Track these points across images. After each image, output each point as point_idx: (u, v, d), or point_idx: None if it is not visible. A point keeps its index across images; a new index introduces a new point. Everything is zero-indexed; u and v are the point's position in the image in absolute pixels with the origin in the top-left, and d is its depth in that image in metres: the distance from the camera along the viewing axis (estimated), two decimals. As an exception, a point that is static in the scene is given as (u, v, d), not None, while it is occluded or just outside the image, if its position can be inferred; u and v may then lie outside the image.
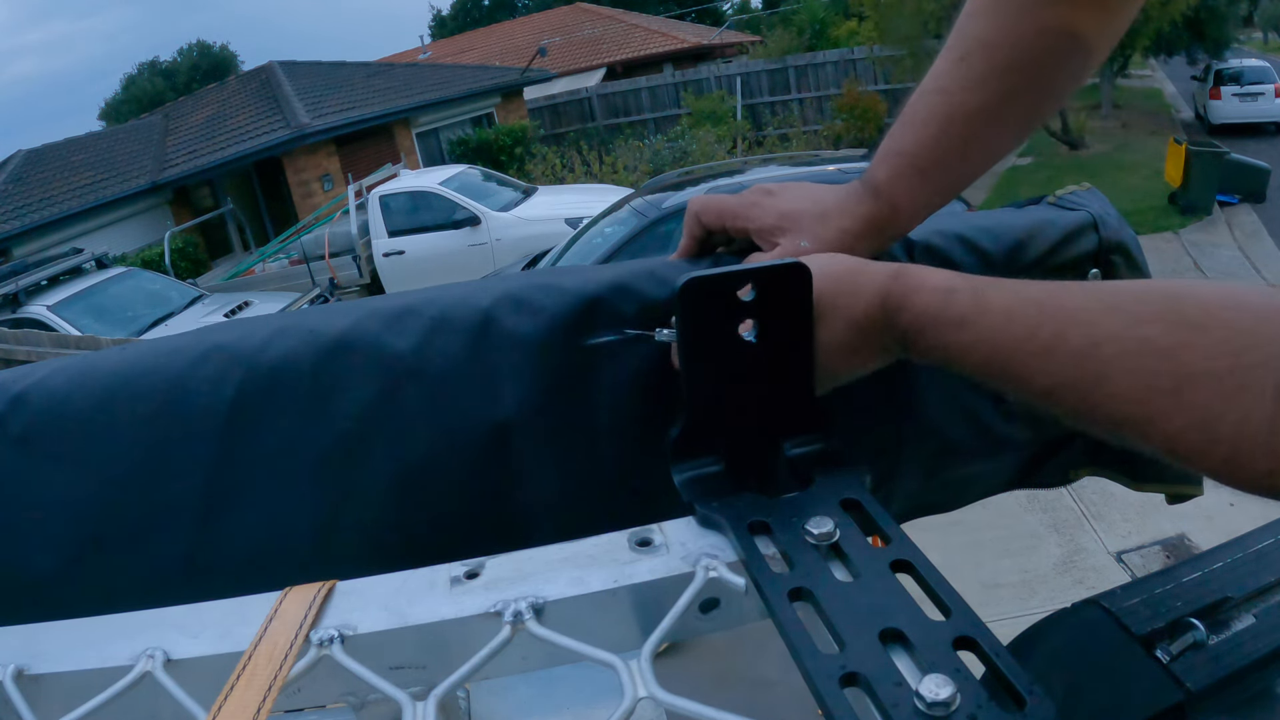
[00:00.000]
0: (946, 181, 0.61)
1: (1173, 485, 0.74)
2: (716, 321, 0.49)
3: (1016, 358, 0.42)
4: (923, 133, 0.59)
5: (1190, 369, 0.36)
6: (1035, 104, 0.61)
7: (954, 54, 0.60)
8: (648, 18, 24.29)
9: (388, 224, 9.46)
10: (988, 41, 0.59)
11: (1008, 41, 0.58)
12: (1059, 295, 0.42)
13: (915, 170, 0.59)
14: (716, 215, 0.63)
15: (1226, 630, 0.61)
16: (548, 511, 0.58)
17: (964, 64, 0.59)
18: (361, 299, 0.63)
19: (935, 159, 0.59)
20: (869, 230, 0.59)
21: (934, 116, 0.59)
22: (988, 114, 0.59)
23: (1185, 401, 0.36)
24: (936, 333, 0.46)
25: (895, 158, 0.60)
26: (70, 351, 2.30)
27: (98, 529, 0.53)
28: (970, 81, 0.59)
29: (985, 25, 0.59)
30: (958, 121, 0.59)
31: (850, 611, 0.38)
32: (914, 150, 0.59)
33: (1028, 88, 0.59)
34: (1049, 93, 0.61)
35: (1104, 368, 0.39)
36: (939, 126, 0.59)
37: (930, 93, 0.60)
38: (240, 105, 14.39)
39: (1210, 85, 15.26)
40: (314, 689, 0.41)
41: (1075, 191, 0.73)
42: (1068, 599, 0.68)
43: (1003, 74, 0.58)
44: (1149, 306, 0.38)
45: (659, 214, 5.70)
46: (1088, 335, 0.40)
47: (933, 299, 0.46)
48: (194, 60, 40.19)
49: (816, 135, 14.14)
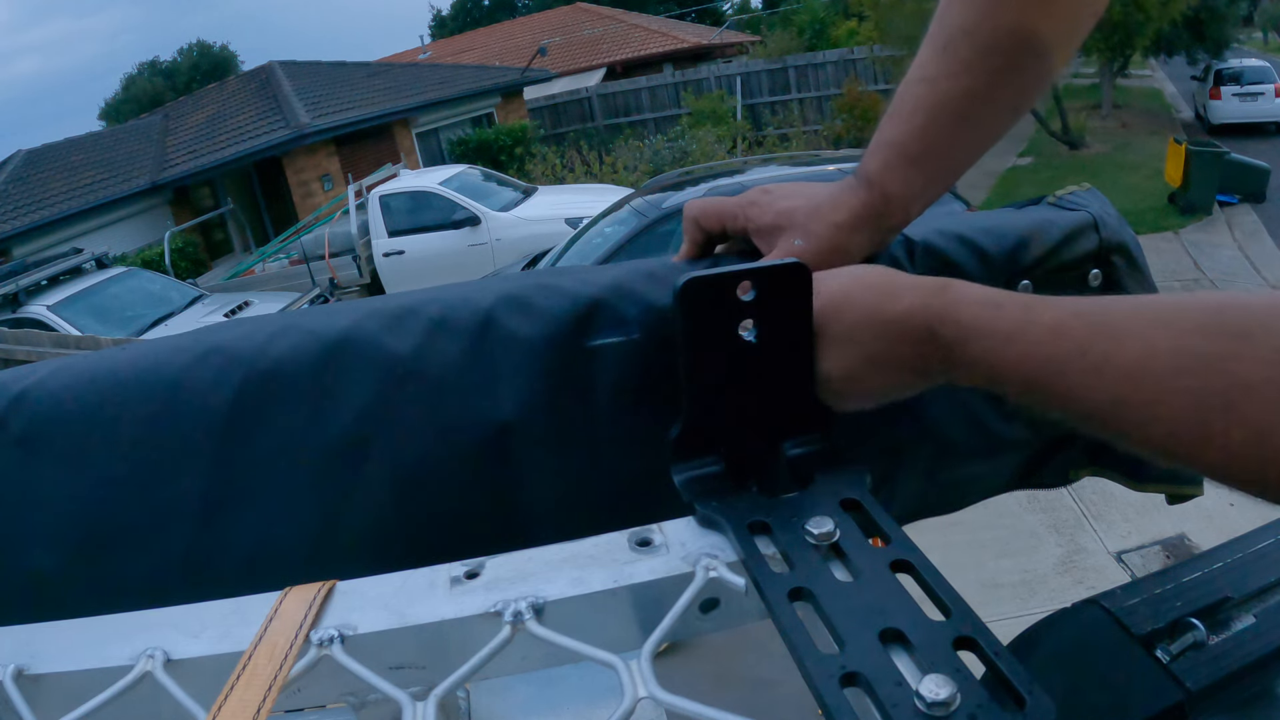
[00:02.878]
0: (938, 169, 0.61)
1: (1173, 485, 0.74)
2: (716, 321, 0.49)
3: (1066, 374, 0.41)
4: (911, 123, 0.60)
5: (1244, 379, 0.34)
6: (1021, 86, 0.61)
7: (937, 43, 0.60)
8: (648, 18, 24.29)
9: (388, 224, 9.46)
10: (968, 28, 0.59)
11: (988, 25, 0.58)
12: (1106, 310, 0.41)
13: (905, 159, 0.60)
14: (715, 218, 0.64)
15: (1226, 630, 0.61)
16: (548, 511, 0.58)
17: (947, 52, 0.60)
18: (361, 299, 0.63)
19: (925, 147, 0.60)
20: (863, 222, 0.59)
21: (920, 106, 0.60)
22: (974, 99, 0.59)
23: (1239, 416, 0.34)
24: (982, 346, 0.44)
25: (885, 149, 0.60)
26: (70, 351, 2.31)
27: (98, 529, 0.53)
28: (954, 68, 0.59)
29: (961, 11, 0.60)
30: (945, 109, 0.59)
31: (850, 611, 0.38)
32: (903, 140, 0.60)
33: (1012, 68, 0.59)
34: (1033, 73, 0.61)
35: (1157, 385, 0.37)
36: (926, 115, 0.59)
37: (916, 83, 0.60)
38: (240, 105, 14.40)
39: (1210, 85, 15.26)
40: (314, 689, 0.41)
41: (1075, 192, 0.73)
42: (1068, 599, 0.68)
43: (985, 56, 0.59)
44: (1193, 318, 0.37)
45: (659, 214, 5.71)
46: (1140, 351, 0.38)
47: (981, 312, 0.45)
48: (194, 60, 40.20)
49: (816, 135, 14.14)
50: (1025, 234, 0.67)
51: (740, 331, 0.50)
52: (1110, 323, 0.40)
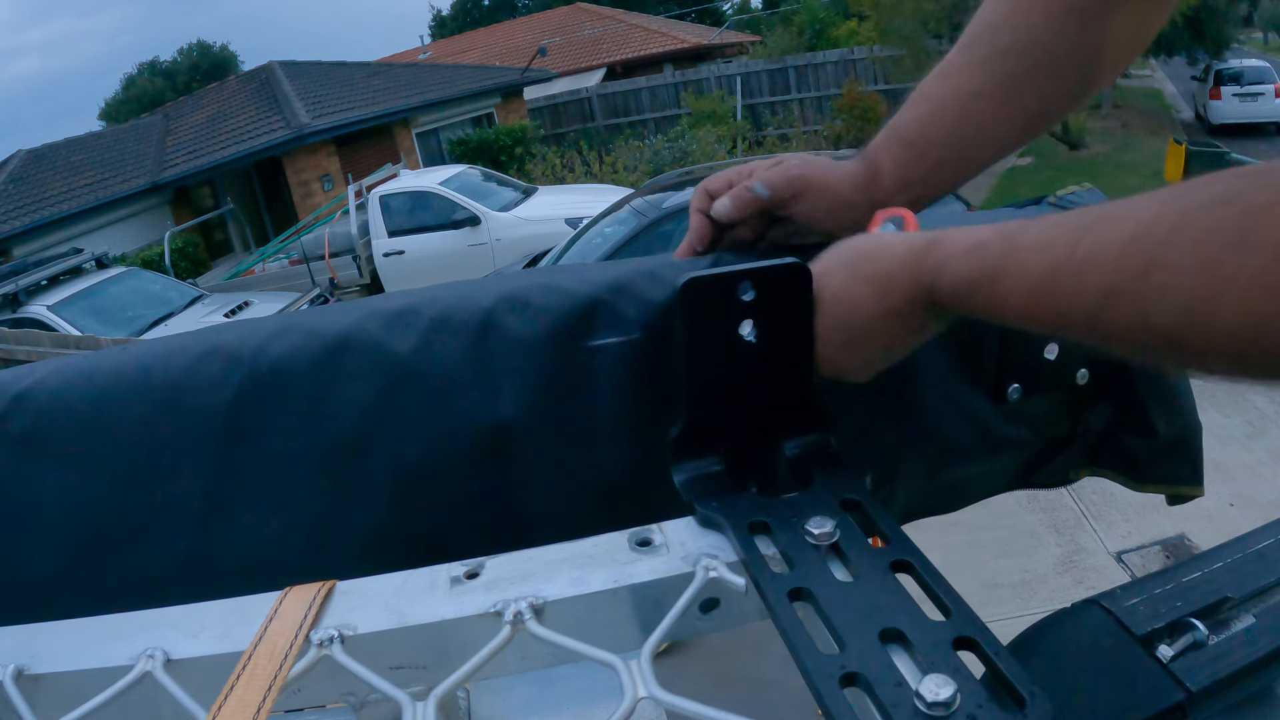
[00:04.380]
0: (932, 156, 0.62)
1: (1173, 486, 0.74)
2: (716, 321, 0.49)
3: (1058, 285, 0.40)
4: (915, 110, 0.62)
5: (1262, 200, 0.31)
6: (1038, 96, 0.61)
7: (963, 40, 0.62)
8: (648, 18, 24.29)
9: (388, 224, 9.46)
10: (992, 24, 0.60)
11: (1010, 23, 0.59)
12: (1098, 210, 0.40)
13: (901, 140, 0.62)
14: (723, 180, 0.66)
15: (1226, 630, 0.61)
16: (548, 511, 0.58)
17: (968, 49, 0.61)
18: (361, 299, 0.63)
19: (923, 133, 0.61)
20: (855, 182, 0.62)
21: (928, 96, 0.62)
22: (983, 97, 0.60)
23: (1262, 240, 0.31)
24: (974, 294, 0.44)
25: (887, 130, 0.63)
26: (70, 351, 2.31)
27: (98, 529, 0.53)
28: (971, 65, 0.60)
29: (993, 8, 0.61)
30: (951, 101, 0.60)
31: (850, 611, 0.38)
32: (904, 125, 0.62)
33: (1029, 74, 0.59)
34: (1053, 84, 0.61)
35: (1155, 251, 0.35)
36: (932, 105, 0.61)
37: (933, 76, 0.62)
38: (240, 105, 14.39)
39: (1210, 85, 15.25)
40: (314, 689, 0.41)
41: (1075, 191, 0.73)
42: (1068, 599, 0.68)
43: (1003, 56, 0.59)
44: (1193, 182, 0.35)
45: (659, 214, 5.71)
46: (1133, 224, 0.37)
47: (964, 262, 0.45)
48: (194, 60, 40.18)
49: (816, 135, 14.13)
50: (1025, 234, 0.67)
51: (740, 331, 0.50)
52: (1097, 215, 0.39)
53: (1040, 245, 0.41)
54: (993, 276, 0.43)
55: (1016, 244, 0.43)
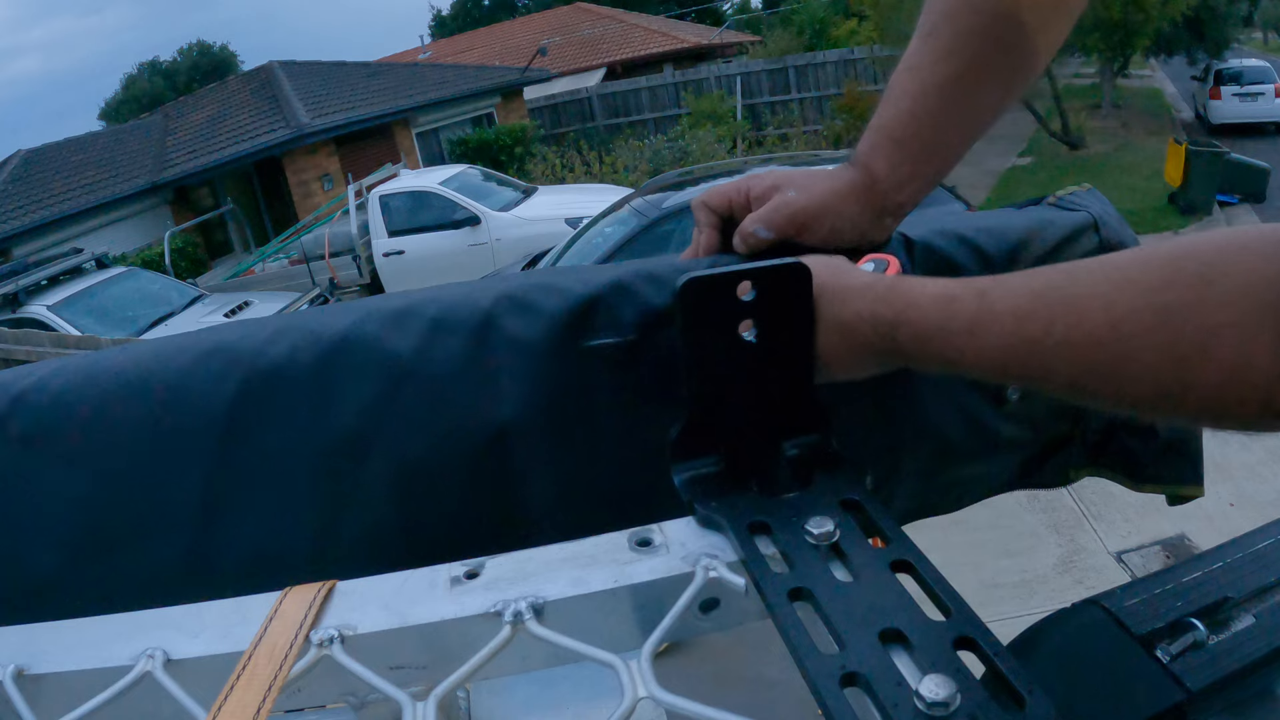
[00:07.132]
0: (924, 152, 0.62)
1: (1173, 486, 0.74)
2: (716, 321, 0.49)
3: (1035, 356, 0.42)
4: (897, 107, 0.62)
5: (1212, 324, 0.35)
6: (1005, 71, 0.62)
7: (922, 30, 0.62)
8: (648, 18, 24.28)
9: (388, 224, 9.46)
10: (949, 12, 0.60)
11: (966, 8, 0.59)
12: (1066, 284, 0.42)
13: (891, 141, 0.62)
14: (720, 195, 0.66)
15: (1226, 630, 0.61)
16: (548, 511, 0.58)
17: (931, 39, 0.61)
18: (361, 299, 0.63)
19: (911, 131, 0.61)
20: (853, 194, 0.62)
21: (906, 93, 0.62)
22: (958, 84, 0.60)
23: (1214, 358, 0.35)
24: (944, 342, 0.46)
25: (873, 133, 0.63)
26: (70, 351, 2.30)
27: (98, 529, 0.53)
28: (938, 55, 0.60)
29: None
30: (929, 95, 0.61)
31: (850, 611, 0.38)
32: (889, 125, 0.62)
33: (993, 53, 0.60)
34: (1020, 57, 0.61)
35: (1127, 346, 0.38)
36: (912, 101, 0.61)
37: (903, 71, 0.62)
38: (240, 105, 14.39)
39: (1210, 85, 15.24)
40: (314, 689, 0.41)
41: (1075, 192, 0.73)
42: (1068, 599, 0.68)
43: (966, 41, 0.59)
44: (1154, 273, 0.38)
45: (659, 214, 5.70)
46: (1105, 318, 0.39)
47: (933, 309, 0.46)
48: (194, 60, 40.17)
49: (816, 135, 14.13)
50: (1025, 234, 0.67)
51: (741, 331, 0.50)
52: (1073, 295, 0.41)
53: (1017, 316, 0.43)
54: (968, 333, 0.44)
55: (991, 305, 0.44)
